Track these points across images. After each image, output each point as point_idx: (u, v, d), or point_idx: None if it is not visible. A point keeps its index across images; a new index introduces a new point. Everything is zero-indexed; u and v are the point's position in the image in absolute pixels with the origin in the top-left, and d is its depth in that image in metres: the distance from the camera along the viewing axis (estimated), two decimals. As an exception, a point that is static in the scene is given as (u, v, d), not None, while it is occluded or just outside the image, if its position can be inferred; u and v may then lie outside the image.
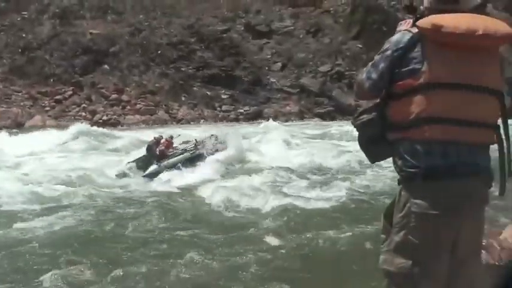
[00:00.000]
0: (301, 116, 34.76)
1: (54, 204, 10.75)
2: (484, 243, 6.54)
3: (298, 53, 39.77)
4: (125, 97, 33.70)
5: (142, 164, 14.92)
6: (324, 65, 38.60)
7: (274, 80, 37.74)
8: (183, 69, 36.46)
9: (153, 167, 14.58)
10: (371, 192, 11.43)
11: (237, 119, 33.63)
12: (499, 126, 2.64)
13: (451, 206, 2.48)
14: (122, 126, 29.92)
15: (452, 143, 2.49)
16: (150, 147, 15.28)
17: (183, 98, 34.93)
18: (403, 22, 2.78)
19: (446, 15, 2.52)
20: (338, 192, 11.38)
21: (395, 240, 2.61)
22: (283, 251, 7.69)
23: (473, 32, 2.43)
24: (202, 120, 32.56)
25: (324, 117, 34.21)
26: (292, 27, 42.96)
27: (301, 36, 42.30)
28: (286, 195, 11.27)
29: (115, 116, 31.94)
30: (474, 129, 2.52)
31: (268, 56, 40.03)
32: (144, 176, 14.22)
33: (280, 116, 33.43)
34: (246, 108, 34.90)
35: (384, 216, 2.80)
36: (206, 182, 12.92)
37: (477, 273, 2.71)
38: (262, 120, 29.84)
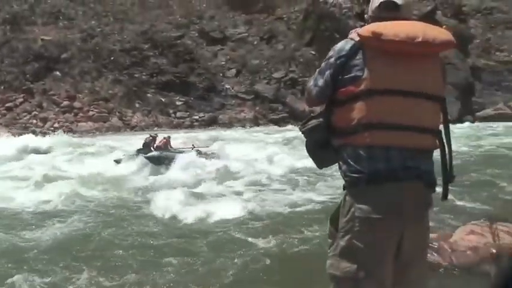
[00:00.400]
0: (256, 122, 34.84)
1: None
2: (435, 246, 6.63)
3: (252, 60, 39.94)
4: (77, 104, 33.16)
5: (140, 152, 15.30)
6: (278, 72, 38.86)
7: (229, 87, 37.78)
8: (136, 75, 36.13)
9: (155, 152, 14.95)
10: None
11: (191, 126, 33.52)
12: (440, 131, 2.69)
13: (393, 209, 2.51)
14: (74, 133, 29.34)
15: (394, 148, 2.52)
16: (147, 144, 15.57)
17: (137, 105, 34.60)
18: (353, 31, 2.77)
19: (386, 23, 2.57)
20: (316, 194, 11.43)
21: (340, 244, 2.63)
22: (262, 254, 7.66)
23: (413, 39, 2.47)
24: (156, 128, 32.27)
25: (278, 123, 34.37)
26: (246, 34, 43.14)
27: (255, 42, 42.52)
28: (264, 198, 11.47)
29: (67, 124, 31.41)
30: (415, 134, 2.56)
31: (223, 63, 40.07)
32: (146, 157, 14.62)
33: (235, 122, 33.46)
34: (201, 114, 34.84)
35: (329, 221, 2.82)
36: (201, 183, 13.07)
37: (422, 275, 2.77)
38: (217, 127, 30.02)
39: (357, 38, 2.60)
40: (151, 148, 15.55)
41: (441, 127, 2.72)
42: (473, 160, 17.53)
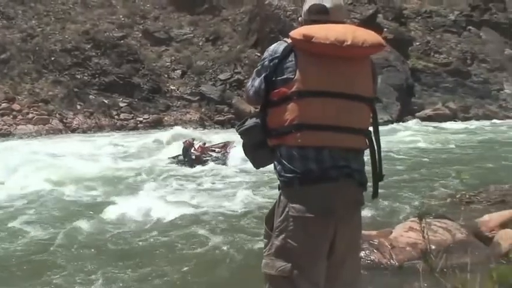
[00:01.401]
0: (202, 123, 34.72)
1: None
2: (375, 243, 6.79)
3: (198, 61, 39.76)
4: (16, 106, 32.16)
5: (184, 162, 16.59)
6: (224, 73, 38.80)
7: (174, 88, 37.49)
8: (78, 76, 35.39)
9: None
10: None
11: (136, 128, 33.12)
12: (370, 131, 2.77)
13: (326, 208, 2.57)
14: (13, 136, 28.53)
15: (325, 148, 2.59)
16: (186, 150, 16.82)
17: (78, 107, 33.90)
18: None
19: (317, 26, 2.63)
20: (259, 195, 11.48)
21: (275, 244, 2.66)
22: (200, 254, 7.75)
23: (342, 42, 2.53)
24: (95, 131, 31.72)
25: (224, 124, 34.34)
26: (191, 35, 42.93)
27: (200, 43, 42.35)
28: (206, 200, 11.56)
29: (5, 126, 30.45)
30: (346, 135, 2.63)
31: (168, 63, 39.72)
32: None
33: (180, 124, 33.23)
34: (146, 116, 34.44)
35: (265, 221, 2.85)
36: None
37: (355, 273, 2.83)
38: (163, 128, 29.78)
39: (290, 40, 2.66)
40: (192, 156, 16.80)
41: (371, 128, 2.80)
42: (412, 158, 17.96)
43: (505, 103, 52.64)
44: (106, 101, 34.58)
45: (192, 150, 17.05)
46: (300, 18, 2.89)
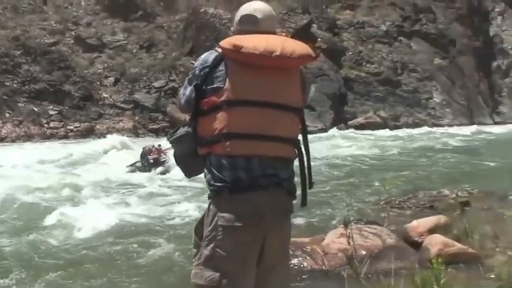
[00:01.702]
0: (135, 131, 34.27)
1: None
2: (308, 250, 6.82)
3: (132, 68, 39.31)
4: None
5: (143, 167, 17.16)
6: (158, 81, 38.53)
7: (107, 95, 36.89)
8: (7, 83, 34.37)
9: (159, 169, 16.78)
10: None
11: (66, 136, 32.39)
12: (299, 140, 2.79)
13: (255, 217, 2.58)
14: None
15: (254, 157, 2.60)
16: (144, 155, 17.40)
17: (7, 115, 32.88)
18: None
19: (247, 36, 2.65)
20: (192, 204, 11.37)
21: (204, 254, 2.65)
22: (129, 265, 7.53)
23: (271, 52, 2.55)
24: (25, 140, 30.83)
25: (158, 133, 34.02)
26: (125, 42, 42.45)
27: (134, 50, 41.92)
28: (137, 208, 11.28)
29: None
30: (275, 144, 2.65)
31: (100, 71, 39.10)
32: (158, 173, 16.45)
33: (113, 132, 32.69)
34: (77, 124, 33.75)
35: (194, 231, 2.84)
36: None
37: (284, 280, 2.84)
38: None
39: (221, 50, 2.66)
40: (150, 160, 17.40)
41: (300, 137, 2.82)
42: (345, 165, 18.25)
43: (433, 111, 54.44)
44: (36, 109, 33.69)
45: (149, 155, 17.49)
46: (232, 28, 2.91)
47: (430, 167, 18.42)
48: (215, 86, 2.62)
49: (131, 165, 17.62)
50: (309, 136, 2.87)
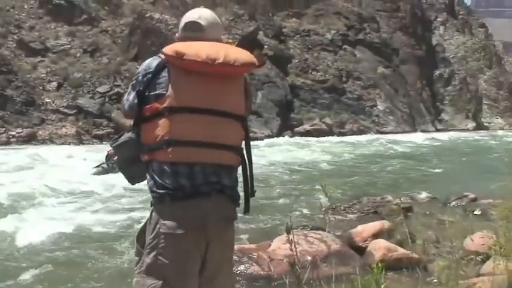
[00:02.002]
0: (79, 137, 33.63)
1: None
2: (254, 257, 6.83)
3: (75, 73, 38.60)
4: None
5: (110, 168, 17.23)
6: (103, 86, 37.96)
7: (50, 100, 36.09)
8: None
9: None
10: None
11: (8, 142, 31.47)
12: (242, 148, 2.79)
13: (197, 224, 2.57)
14: None
15: (197, 164, 2.59)
16: (109, 158, 17.55)
17: None
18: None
19: (190, 43, 2.65)
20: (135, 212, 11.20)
21: (146, 261, 2.61)
22: (71, 273, 7.37)
23: (214, 60, 2.55)
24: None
25: (103, 138, 33.48)
26: (68, 46, 41.66)
27: (78, 55, 41.20)
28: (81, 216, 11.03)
29: None
30: (217, 151, 2.65)
31: (43, 75, 38.22)
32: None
33: (56, 139, 32.01)
34: (19, 130, 32.81)
35: (136, 238, 2.82)
36: None
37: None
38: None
39: (164, 56, 2.65)
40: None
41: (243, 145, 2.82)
42: (291, 172, 18.38)
43: (377, 119, 55.50)
44: (-25, 115, 32.70)
45: (114, 157, 17.33)
46: (177, 34, 2.89)
47: (375, 173, 18.77)
48: (158, 92, 2.60)
49: (97, 167, 18.13)
50: (256, 142, 2.88)
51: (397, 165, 22.14)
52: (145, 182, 2.72)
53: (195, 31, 2.75)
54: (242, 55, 2.67)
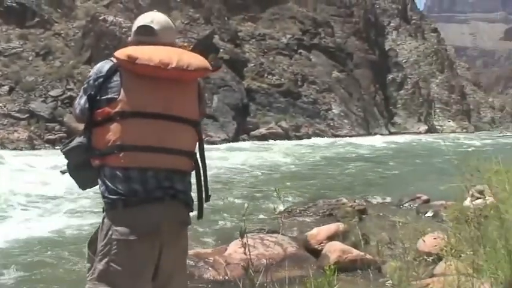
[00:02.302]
0: (31, 142, 32.95)
1: None
2: (210, 261, 6.82)
3: (27, 76, 37.84)
4: None
5: None
6: (55, 89, 37.32)
7: (1, 105, 35.30)
8: None
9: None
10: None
11: (-42, 147, 30.68)
12: (195, 153, 2.78)
13: (151, 230, 2.54)
14: None
15: (149, 169, 2.57)
16: None
17: None
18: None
19: (143, 47, 2.63)
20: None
21: (98, 268, 2.57)
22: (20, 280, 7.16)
23: (167, 65, 2.54)
24: None
25: (56, 143, 32.89)
26: (20, 49, 40.85)
27: (30, 58, 40.44)
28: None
29: None
30: (170, 156, 2.63)
31: (-6, 79, 37.39)
32: None
33: (7, 143, 31.29)
34: (-31, 134, 32.05)
35: (88, 245, 2.77)
36: None
37: None
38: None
39: (116, 60, 2.62)
40: None
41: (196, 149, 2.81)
42: (247, 175, 18.40)
43: (332, 122, 56.15)
44: None
45: None
46: (129, 38, 2.85)
47: (331, 176, 18.95)
48: (109, 96, 2.56)
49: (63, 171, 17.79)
50: (212, 146, 2.88)
51: (352, 167, 22.40)
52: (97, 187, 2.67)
53: (147, 35, 2.72)
54: (195, 60, 2.67)
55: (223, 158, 23.42)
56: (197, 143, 2.77)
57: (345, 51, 72.34)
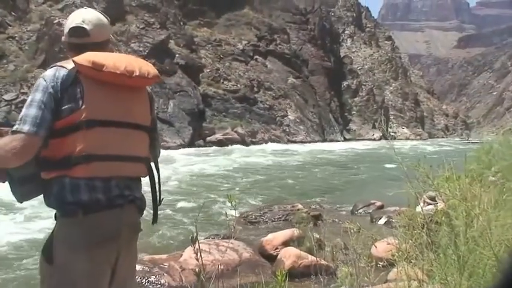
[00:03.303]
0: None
1: None
2: (166, 267, 6.79)
3: (-22, 80, 37.01)
4: None
5: None
6: (9, 93, 36.57)
7: (-50, 109, 34.43)
8: None
9: None
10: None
11: None
12: (149, 159, 2.79)
13: (110, 236, 2.51)
14: None
15: (113, 178, 2.54)
16: None
17: None
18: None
19: (105, 54, 2.57)
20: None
21: (55, 277, 2.50)
22: None
23: (132, 72, 2.52)
24: None
25: (8, 149, 32.25)
26: (-30, 52, 39.91)
27: (-18, 61, 39.54)
28: None
29: None
30: (132, 164, 2.63)
31: None
32: None
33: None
34: None
35: (42, 253, 2.63)
36: None
37: None
38: None
39: (70, 66, 2.52)
40: None
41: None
42: (199, 181, 18.36)
43: (288, 128, 56.49)
44: None
45: None
46: (63, 38, 2.74)
47: (286, 181, 19.05)
48: (71, 105, 2.45)
49: None
50: (168, 152, 2.88)
51: (308, 174, 22.58)
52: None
53: (80, 37, 2.65)
54: (151, 68, 2.67)
55: (179, 164, 23.32)
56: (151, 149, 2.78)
57: (301, 58, 72.97)
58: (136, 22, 46.79)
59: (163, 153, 3.01)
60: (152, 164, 2.84)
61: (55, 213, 2.55)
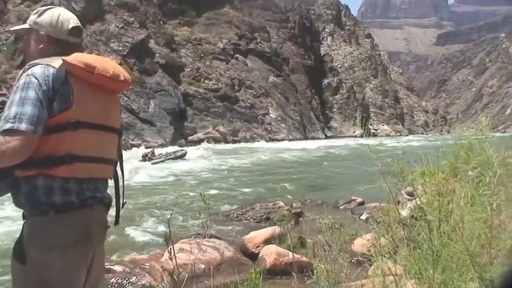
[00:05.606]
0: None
1: None
2: (147, 267, 6.77)
3: (-44, 82, 36.55)
4: None
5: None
6: (-15, 95, 36.20)
7: None
8: None
9: (152, 161, 26.62)
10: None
11: None
12: (117, 161, 2.81)
13: (85, 236, 2.51)
14: None
15: (86, 180, 2.54)
16: (145, 155, 27.45)
17: None
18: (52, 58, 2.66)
19: (93, 56, 2.57)
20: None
21: (30, 279, 2.45)
22: None
23: (118, 77, 2.56)
24: None
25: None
26: None
27: (-41, 63, 39.08)
28: None
29: None
30: (106, 166, 2.66)
31: None
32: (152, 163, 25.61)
33: None
34: None
35: (13, 253, 2.57)
36: None
37: None
38: None
39: (57, 64, 2.48)
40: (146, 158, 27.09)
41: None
42: (179, 181, 18.33)
43: (270, 126, 56.55)
44: None
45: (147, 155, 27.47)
46: (41, 32, 2.62)
47: (267, 179, 19.08)
48: (59, 105, 2.42)
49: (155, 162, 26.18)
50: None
51: (289, 171, 22.64)
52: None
53: (78, 37, 2.66)
54: (126, 72, 2.70)
55: (163, 164, 23.26)
56: (118, 151, 2.81)
57: (281, 56, 73.08)
58: (115, 21, 46.54)
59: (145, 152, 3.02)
60: (117, 167, 2.86)
61: (23, 213, 2.53)
